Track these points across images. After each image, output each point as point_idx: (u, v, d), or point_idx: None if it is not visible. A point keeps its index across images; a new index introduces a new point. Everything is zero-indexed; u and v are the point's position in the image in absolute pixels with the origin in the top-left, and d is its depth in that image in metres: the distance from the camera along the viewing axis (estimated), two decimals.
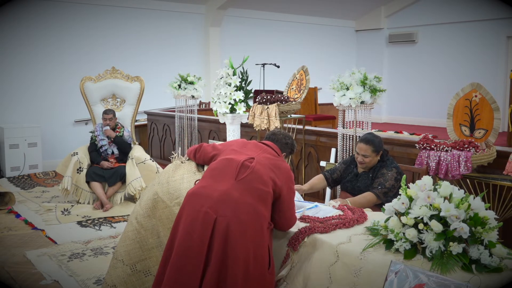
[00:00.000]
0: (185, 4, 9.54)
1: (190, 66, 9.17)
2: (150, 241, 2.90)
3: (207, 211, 2.48)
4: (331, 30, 12.03)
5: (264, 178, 2.60)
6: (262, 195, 2.57)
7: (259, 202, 2.55)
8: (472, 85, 4.19)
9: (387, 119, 12.12)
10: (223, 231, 2.44)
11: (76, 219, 5.33)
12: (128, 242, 2.92)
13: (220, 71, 5.14)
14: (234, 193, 2.53)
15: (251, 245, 2.48)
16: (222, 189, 2.55)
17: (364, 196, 3.47)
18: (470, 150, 3.89)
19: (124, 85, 6.56)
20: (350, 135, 4.64)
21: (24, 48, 7.94)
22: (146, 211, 2.93)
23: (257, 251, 2.50)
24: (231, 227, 2.44)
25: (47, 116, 8.18)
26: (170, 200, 2.90)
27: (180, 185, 2.93)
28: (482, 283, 2.07)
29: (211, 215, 2.46)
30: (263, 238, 2.55)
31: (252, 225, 2.50)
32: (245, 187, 2.56)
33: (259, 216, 2.54)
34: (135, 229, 2.93)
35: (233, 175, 2.60)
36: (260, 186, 2.58)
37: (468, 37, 10.67)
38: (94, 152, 5.97)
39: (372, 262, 2.37)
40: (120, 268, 2.89)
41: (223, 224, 2.45)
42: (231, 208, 2.49)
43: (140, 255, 2.89)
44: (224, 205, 2.49)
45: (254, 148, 2.83)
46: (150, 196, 2.96)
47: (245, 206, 2.51)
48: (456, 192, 2.33)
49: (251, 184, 2.57)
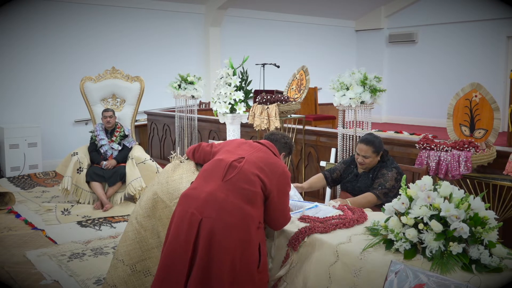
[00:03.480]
0: (185, 4, 9.54)
1: (190, 66, 9.18)
2: (150, 241, 2.90)
3: (193, 212, 2.51)
4: (331, 30, 12.03)
5: (251, 177, 2.59)
6: (249, 195, 2.56)
7: (246, 202, 2.55)
8: (472, 85, 4.19)
9: (387, 119, 12.12)
10: (207, 232, 2.46)
11: (76, 219, 5.33)
12: (128, 242, 2.93)
13: (220, 71, 5.14)
14: (219, 194, 2.54)
15: (238, 245, 2.48)
16: (208, 190, 2.57)
17: (364, 197, 3.47)
18: (470, 150, 3.89)
19: (124, 85, 6.57)
20: (350, 135, 4.64)
21: (24, 48, 7.95)
22: (146, 211, 2.93)
23: (244, 251, 2.50)
24: (216, 228, 2.46)
25: (47, 116, 8.18)
26: (169, 200, 2.91)
27: (179, 185, 2.93)
28: (482, 283, 2.07)
29: (196, 216, 2.49)
30: (251, 238, 2.54)
31: (238, 226, 2.50)
32: (231, 188, 2.56)
33: (245, 216, 2.53)
34: (135, 229, 2.93)
35: (221, 175, 2.61)
36: (246, 186, 2.57)
37: (468, 37, 10.68)
38: (94, 152, 5.97)
39: (372, 262, 2.37)
40: (121, 268, 2.89)
41: (207, 225, 2.47)
42: (215, 209, 2.50)
43: (140, 255, 2.90)
44: (209, 206, 2.51)
45: (248, 148, 2.81)
46: (149, 196, 2.97)
47: (230, 206, 2.51)
48: (456, 192, 2.33)
49: (237, 184, 2.57)
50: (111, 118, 5.94)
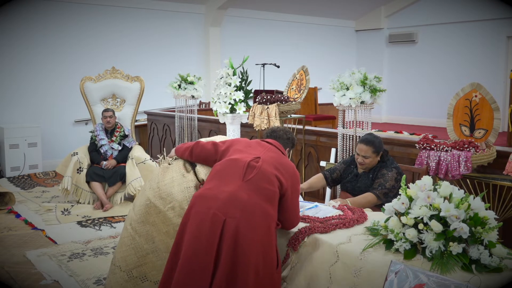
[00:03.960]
0: (185, 4, 9.54)
1: (190, 66, 9.18)
2: (145, 247, 2.88)
3: (215, 212, 2.44)
4: (331, 30, 12.03)
5: (270, 177, 2.58)
6: (269, 194, 2.55)
7: (267, 202, 2.54)
8: (472, 85, 4.19)
9: (387, 119, 12.12)
10: (232, 232, 2.40)
11: (76, 219, 5.33)
12: (124, 248, 2.92)
13: (220, 71, 5.14)
14: (242, 194, 2.50)
15: (261, 245, 2.46)
16: (229, 190, 2.52)
17: (364, 197, 3.47)
18: (470, 150, 3.89)
19: (124, 85, 6.56)
20: (350, 135, 4.64)
21: (24, 48, 7.95)
22: (140, 217, 2.91)
23: (266, 251, 2.48)
24: (241, 229, 2.41)
25: (47, 116, 8.18)
26: (163, 205, 2.87)
27: (171, 188, 2.89)
28: (482, 283, 2.07)
29: (219, 217, 2.43)
30: (271, 238, 2.54)
31: (261, 226, 2.48)
32: (253, 188, 2.54)
33: (267, 216, 2.52)
34: (130, 235, 2.92)
35: (240, 175, 2.58)
36: (267, 185, 2.56)
37: (468, 37, 10.68)
38: (94, 152, 5.97)
39: (372, 262, 2.37)
40: (118, 274, 2.90)
41: (232, 225, 2.41)
42: (240, 209, 2.45)
43: (135, 261, 2.88)
44: (233, 206, 2.46)
45: (259, 147, 2.80)
46: (142, 202, 2.95)
47: (254, 207, 2.48)
48: (456, 192, 2.33)
49: (258, 184, 2.55)
50: (111, 118, 5.94)
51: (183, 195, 2.87)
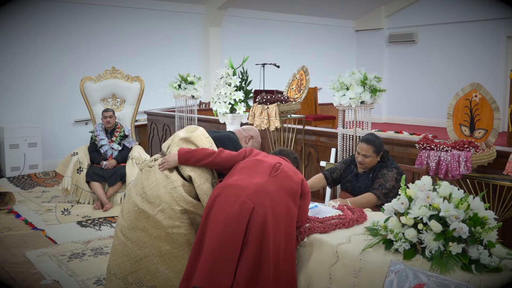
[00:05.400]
0: (185, 4, 9.54)
1: (190, 66, 9.17)
2: (137, 253, 2.90)
3: (244, 200, 2.56)
4: (331, 30, 12.03)
5: (293, 177, 2.76)
6: (293, 192, 2.70)
7: (290, 199, 2.68)
8: (472, 85, 4.19)
9: (387, 119, 12.12)
10: (260, 219, 2.51)
11: (76, 219, 5.33)
12: (117, 256, 2.95)
13: (220, 71, 5.14)
14: (270, 187, 2.65)
15: (283, 237, 2.58)
16: (258, 182, 2.65)
17: (364, 197, 3.47)
18: (470, 150, 3.88)
19: (124, 85, 6.57)
20: (350, 135, 4.64)
21: (24, 48, 7.94)
22: (130, 224, 2.94)
23: (287, 245, 2.60)
24: (268, 216, 2.53)
25: (47, 116, 8.18)
26: (151, 209, 2.89)
27: (157, 191, 2.91)
28: (482, 283, 2.08)
29: (248, 204, 2.54)
30: (293, 233, 2.66)
31: (285, 219, 2.61)
32: (279, 184, 2.69)
33: (290, 211, 2.66)
34: (121, 242, 2.95)
35: (267, 172, 2.74)
36: (291, 184, 2.72)
37: (468, 37, 10.67)
38: (94, 152, 5.97)
39: (372, 262, 2.37)
40: (114, 281, 2.92)
41: (261, 213, 2.53)
42: (268, 199, 2.58)
43: (129, 267, 2.90)
44: (262, 196, 2.59)
45: (276, 157, 3.00)
46: (131, 209, 2.97)
47: (280, 200, 2.62)
48: (455, 192, 2.33)
49: (283, 181, 2.71)
50: (111, 118, 5.94)
51: (171, 196, 2.89)
